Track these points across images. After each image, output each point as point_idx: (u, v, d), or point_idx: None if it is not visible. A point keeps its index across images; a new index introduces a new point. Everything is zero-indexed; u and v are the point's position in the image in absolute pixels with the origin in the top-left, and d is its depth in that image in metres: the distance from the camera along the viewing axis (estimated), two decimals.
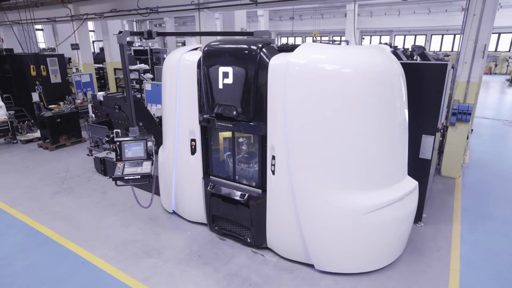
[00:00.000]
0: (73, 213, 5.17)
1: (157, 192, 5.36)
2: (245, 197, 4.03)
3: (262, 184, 4.03)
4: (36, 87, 9.48)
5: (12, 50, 10.47)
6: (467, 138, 6.48)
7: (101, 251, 4.22)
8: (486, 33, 5.65)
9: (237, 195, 4.11)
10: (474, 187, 6.05)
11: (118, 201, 5.51)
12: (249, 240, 4.25)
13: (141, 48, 18.84)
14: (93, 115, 8.79)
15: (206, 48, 3.91)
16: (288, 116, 3.45)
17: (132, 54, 17.09)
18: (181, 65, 4.21)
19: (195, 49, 4.43)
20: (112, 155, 6.66)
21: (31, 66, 8.95)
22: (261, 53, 3.59)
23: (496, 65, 27.10)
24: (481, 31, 5.66)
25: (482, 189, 5.97)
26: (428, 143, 4.48)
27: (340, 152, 3.40)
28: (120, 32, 4.21)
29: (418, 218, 4.71)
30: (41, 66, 9.18)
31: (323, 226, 3.60)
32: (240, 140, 4.48)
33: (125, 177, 4.29)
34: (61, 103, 9.44)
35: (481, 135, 9.32)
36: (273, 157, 3.74)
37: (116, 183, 4.37)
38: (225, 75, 3.77)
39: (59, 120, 8.25)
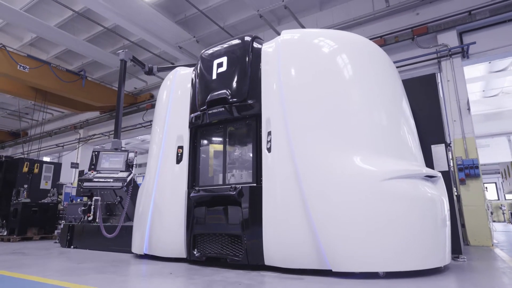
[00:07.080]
0: (9, 259, 3.98)
1: (129, 250, 4.30)
2: (237, 189, 3.28)
3: (257, 177, 3.36)
4: (21, 190, 9.09)
5: (12, 157, 10.63)
6: (485, 200, 5.84)
7: (38, 273, 3.03)
8: (463, 92, 6.10)
9: (226, 190, 3.35)
10: None
11: (76, 257, 4.33)
12: (240, 257, 3.15)
13: None
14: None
15: (200, 55, 4.13)
16: (284, 75, 3.31)
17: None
18: (176, 75, 4.32)
19: None
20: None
21: (25, 163, 8.90)
22: (254, 42, 3.78)
23: (492, 213, 27.18)
24: (459, 92, 6.12)
25: None
26: (439, 153, 4.06)
27: (343, 107, 3.07)
28: (124, 50, 4.54)
29: (457, 250, 3.69)
30: (35, 164, 9.12)
31: (335, 201, 2.80)
32: (231, 150, 4.04)
33: (94, 179, 3.64)
34: (44, 200, 8.82)
35: (498, 234, 8.43)
36: (269, 133, 3.30)
37: (82, 185, 3.64)
38: (220, 65, 3.82)
39: (34, 210, 7.51)
